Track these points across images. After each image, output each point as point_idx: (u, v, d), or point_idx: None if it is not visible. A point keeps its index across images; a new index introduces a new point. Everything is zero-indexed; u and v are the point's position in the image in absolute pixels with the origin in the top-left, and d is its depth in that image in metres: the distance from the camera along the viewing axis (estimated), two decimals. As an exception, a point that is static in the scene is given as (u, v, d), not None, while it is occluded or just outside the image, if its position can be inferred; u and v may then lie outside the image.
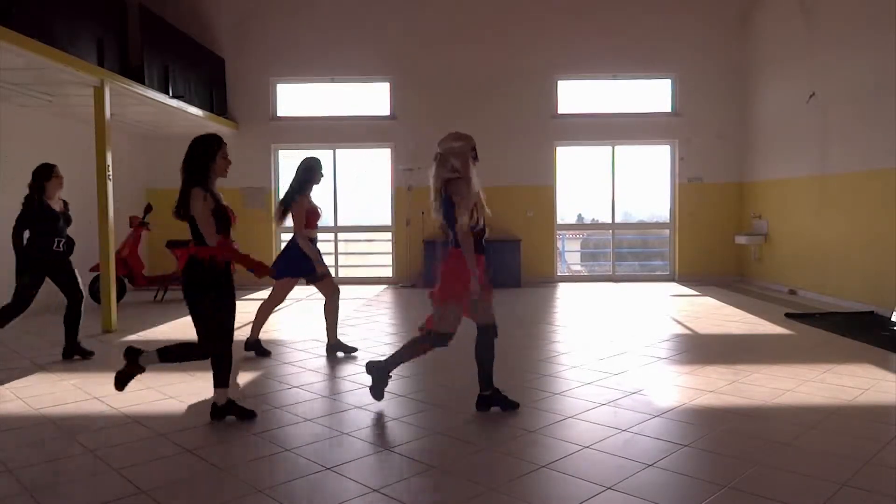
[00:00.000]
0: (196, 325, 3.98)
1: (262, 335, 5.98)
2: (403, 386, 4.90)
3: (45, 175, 5.70)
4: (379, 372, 4.30)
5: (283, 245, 6.22)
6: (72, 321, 5.86)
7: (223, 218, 3.93)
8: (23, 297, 5.67)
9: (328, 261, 13.23)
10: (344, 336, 6.79)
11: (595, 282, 11.86)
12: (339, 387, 4.84)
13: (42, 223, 5.67)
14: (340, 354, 5.94)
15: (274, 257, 11.70)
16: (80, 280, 5.96)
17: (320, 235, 6.40)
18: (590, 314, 8.38)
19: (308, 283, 5.94)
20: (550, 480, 3.18)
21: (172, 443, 3.67)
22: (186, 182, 3.92)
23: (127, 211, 9.74)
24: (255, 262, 4.01)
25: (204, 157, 3.94)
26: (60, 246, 5.74)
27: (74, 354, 5.86)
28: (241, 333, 6.06)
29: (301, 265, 5.75)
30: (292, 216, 5.72)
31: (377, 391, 4.31)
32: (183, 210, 3.92)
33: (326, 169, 6.16)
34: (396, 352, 4.37)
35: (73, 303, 5.88)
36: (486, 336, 4.16)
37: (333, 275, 11.61)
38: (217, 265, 3.90)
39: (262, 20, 11.39)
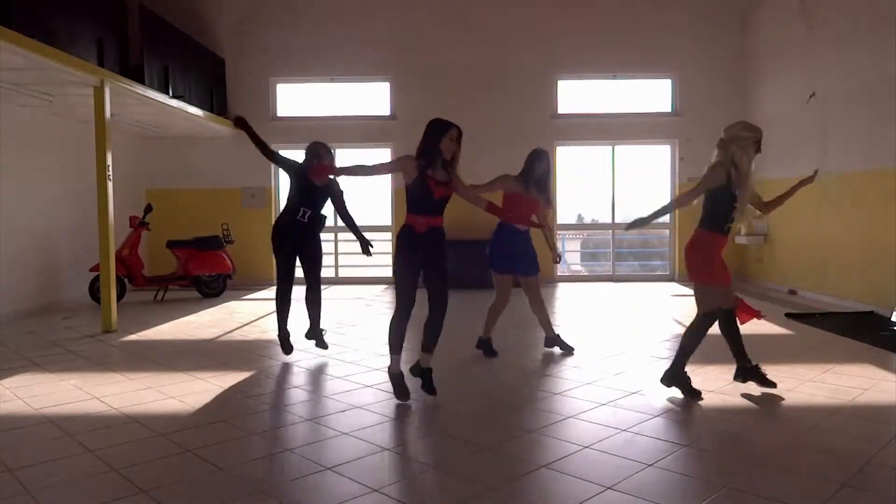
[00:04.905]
0: None
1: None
2: (403, 386, 4.89)
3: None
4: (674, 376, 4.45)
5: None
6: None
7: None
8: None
9: (328, 260, 13.15)
10: (343, 336, 6.80)
11: (595, 282, 11.85)
12: (339, 387, 4.83)
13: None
14: (557, 350, 5.84)
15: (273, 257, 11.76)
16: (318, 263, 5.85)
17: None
18: (589, 314, 8.38)
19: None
20: (550, 480, 3.17)
21: (172, 443, 3.67)
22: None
23: (127, 211, 9.73)
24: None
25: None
26: (305, 217, 5.69)
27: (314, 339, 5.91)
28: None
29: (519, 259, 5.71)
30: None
31: (691, 393, 4.39)
32: None
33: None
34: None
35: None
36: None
37: (333, 275, 11.72)
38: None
39: (262, 20, 11.39)
